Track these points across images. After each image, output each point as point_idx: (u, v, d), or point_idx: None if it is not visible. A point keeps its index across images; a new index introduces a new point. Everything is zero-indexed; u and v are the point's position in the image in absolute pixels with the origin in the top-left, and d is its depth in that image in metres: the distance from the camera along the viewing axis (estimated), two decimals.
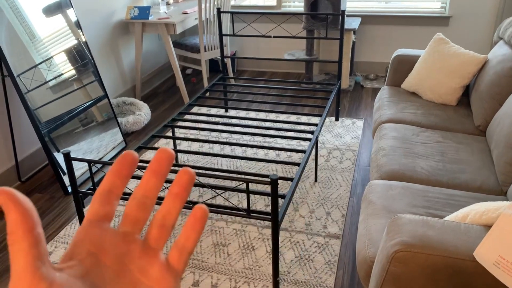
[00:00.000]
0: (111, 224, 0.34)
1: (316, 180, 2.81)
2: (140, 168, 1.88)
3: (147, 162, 2.27)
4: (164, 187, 2.55)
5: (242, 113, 3.79)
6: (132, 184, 2.67)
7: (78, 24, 3.09)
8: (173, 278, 0.34)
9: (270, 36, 3.53)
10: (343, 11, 3.29)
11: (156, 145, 3.33)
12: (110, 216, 0.33)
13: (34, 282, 0.27)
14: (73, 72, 2.99)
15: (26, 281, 0.27)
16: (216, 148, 3.24)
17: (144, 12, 3.83)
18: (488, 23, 4.22)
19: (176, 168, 2.74)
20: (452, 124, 2.57)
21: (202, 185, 2.02)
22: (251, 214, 1.86)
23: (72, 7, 3.06)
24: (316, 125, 2.74)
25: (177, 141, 3.36)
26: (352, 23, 4.13)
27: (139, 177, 2.08)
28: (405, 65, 3.02)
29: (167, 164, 0.34)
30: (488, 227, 1.38)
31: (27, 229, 0.27)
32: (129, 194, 2.07)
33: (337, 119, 3.61)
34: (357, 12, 4.48)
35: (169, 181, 2.03)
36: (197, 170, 2.83)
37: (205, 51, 4.04)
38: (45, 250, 0.28)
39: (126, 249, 0.33)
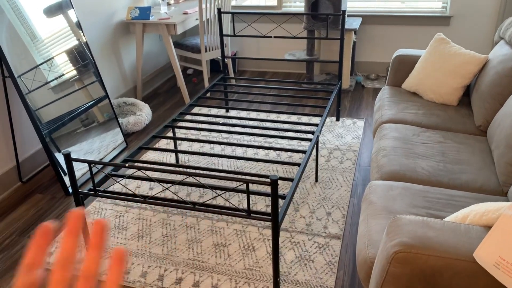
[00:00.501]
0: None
1: (316, 181, 2.81)
2: (141, 168, 1.88)
3: (148, 162, 2.28)
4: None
5: (243, 114, 3.79)
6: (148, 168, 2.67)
7: (79, 25, 3.09)
8: None
9: (270, 37, 3.53)
10: (344, 11, 3.29)
11: (156, 146, 3.34)
12: (37, 283, 0.39)
13: None
14: (74, 72, 2.99)
15: None
16: (217, 149, 3.24)
17: (144, 12, 3.83)
18: (489, 23, 4.21)
19: (177, 169, 2.75)
20: (453, 124, 2.56)
21: (203, 186, 2.02)
22: (252, 214, 1.86)
23: (73, 8, 3.06)
24: (316, 125, 2.74)
25: (178, 142, 3.36)
26: (352, 23, 4.12)
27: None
28: (406, 65, 3.01)
29: (78, 225, 0.40)
30: (488, 228, 1.37)
31: None
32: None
33: (337, 119, 3.61)
34: (357, 12, 4.48)
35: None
36: (197, 171, 2.83)
37: (206, 51, 4.05)
38: None
39: None
